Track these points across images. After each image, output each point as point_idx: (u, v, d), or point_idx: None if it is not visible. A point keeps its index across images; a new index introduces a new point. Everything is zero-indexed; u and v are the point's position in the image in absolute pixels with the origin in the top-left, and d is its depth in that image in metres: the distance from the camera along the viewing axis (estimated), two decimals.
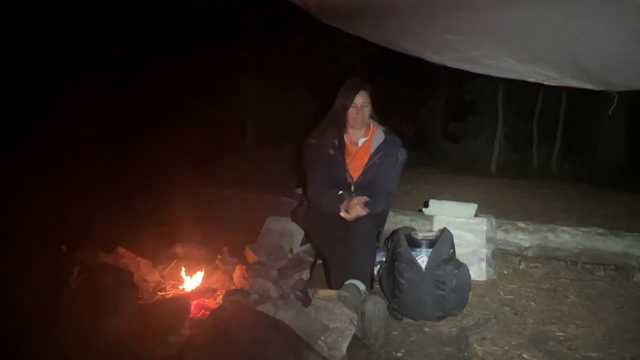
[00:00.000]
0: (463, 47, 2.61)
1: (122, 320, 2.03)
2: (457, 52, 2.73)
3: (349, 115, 2.60)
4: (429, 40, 2.75)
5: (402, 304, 2.41)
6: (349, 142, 2.69)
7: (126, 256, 2.52)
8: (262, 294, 2.20)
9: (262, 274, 2.43)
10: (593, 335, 2.29)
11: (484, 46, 2.52)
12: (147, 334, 1.95)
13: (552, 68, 2.48)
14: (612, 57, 2.19)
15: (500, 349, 2.15)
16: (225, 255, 2.75)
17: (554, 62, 2.41)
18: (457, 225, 2.98)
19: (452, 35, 2.51)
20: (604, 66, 2.33)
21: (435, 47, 2.82)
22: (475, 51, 2.60)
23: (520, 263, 3.16)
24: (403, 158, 2.65)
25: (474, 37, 2.47)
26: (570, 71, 2.47)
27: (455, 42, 2.57)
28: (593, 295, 2.75)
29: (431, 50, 2.90)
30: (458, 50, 2.67)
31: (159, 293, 2.39)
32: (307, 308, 2.01)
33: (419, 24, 2.60)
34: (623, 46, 2.02)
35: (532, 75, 2.64)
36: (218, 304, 2.24)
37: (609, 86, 2.56)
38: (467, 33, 2.44)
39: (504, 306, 2.59)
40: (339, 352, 1.88)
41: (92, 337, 1.93)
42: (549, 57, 2.39)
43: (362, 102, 2.58)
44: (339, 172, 2.62)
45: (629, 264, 2.93)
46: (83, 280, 2.22)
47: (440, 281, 2.35)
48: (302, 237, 3.14)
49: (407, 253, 2.40)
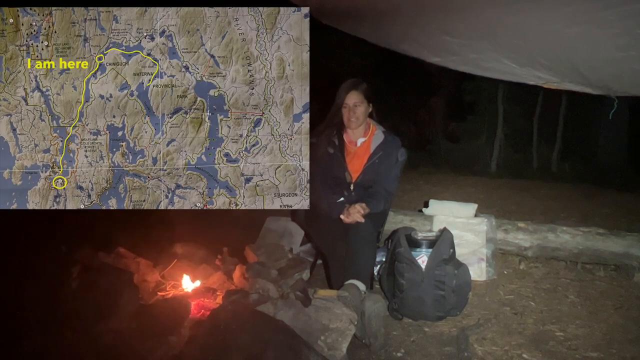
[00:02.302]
0: (462, 49, 2.61)
1: (122, 320, 2.03)
2: (456, 55, 2.73)
3: (343, 115, 2.61)
4: (428, 42, 2.76)
5: (402, 304, 2.41)
6: (348, 141, 2.69)
7: (126, 256, 2.52)
8: (262, 294, 2.20)
9: (262, 274, 2.43)
10: (593, 335, 2.29)
11: (483, 49, 2.52)
12: (147, 334, 1.95)
13: (551, 72, 2.48)
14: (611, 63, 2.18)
15: (500, 349, 2.15)
16: (225, 255, 2.75)
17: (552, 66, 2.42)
18: (457, 225, 2.98)
19: (452, 37, 2.51)
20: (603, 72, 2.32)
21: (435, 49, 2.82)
22: (475, 54, 2.60)
23: (520, 263, 3.16)
24: (403, 158, 2.65)
25: (473, 40, 2.47)
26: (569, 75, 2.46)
27: (455, 44, 2.57)
28: (593, 295, 2.75)
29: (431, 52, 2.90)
30: (457, 52, 2.67)
31: (159, 293, 2.39)
32: (307, 308, 2.01)
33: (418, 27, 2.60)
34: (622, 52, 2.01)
35: (532, 79, 2.65)
36: (218, 304, 2.24)
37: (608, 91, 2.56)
38: (466, 36, 2.45)
39: (504, 306, 2.59)
40: (339, 352, 1.88)
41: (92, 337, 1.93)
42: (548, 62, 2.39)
43: (353, 102, 2.58)
44: (339, 171, 2.62)
45: (629, 264, 2.93)
46: (83, 280, 2.22)
47: (440, 281, 2.36)
48: (302, 237, 3.14)
49: (407, 253, 2.40)
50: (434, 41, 2.69)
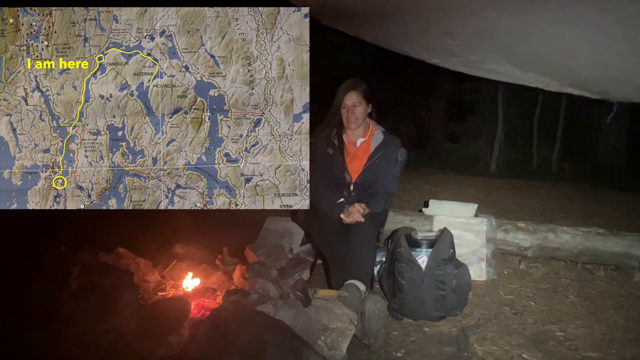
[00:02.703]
0: (463, 51, 2.61)
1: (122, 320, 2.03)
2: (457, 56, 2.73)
3: (342, 115, 2.61)
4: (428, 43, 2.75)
5: (402, 304, 2.41)
6: (347, 141, 2.69)
7: (126, 256, 2.52)
8: (262, 294, 2.20)
9: (262, 274, 2.43)
10: (593, 335, 2.29)
11: (484, 51, 2.52)
12: (147, 334, 1.95)
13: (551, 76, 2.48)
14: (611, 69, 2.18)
15: (500, 349, 2.15)
16: (225, 255, 2.75)
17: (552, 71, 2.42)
18: (457, 225, 2.98)
19: (452, 39, 2.51)
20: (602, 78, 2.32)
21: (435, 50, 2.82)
22: (475, 56, 2.60)
23: (520, 263, 3.16)
24: (402, 158, 2.65)
25: (474, 43, 2.47)
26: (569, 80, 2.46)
27: (455, 46, 2.57)
28: (593, 295, 2.75)
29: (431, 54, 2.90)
30: (458, 54, 2.67)
31: (159, 293, 2.39)
32: (307, 308, 2.01)
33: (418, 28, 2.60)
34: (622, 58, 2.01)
35: (532, 82, 2.64)
36: (218, 304, 2.24)
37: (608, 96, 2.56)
38: (466, 38, 2.44)
39: (504, 306, 2.59)
40: (339, 352, 1.88)
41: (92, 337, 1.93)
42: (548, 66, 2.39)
43: (352, 102, 2.58)
44: (339, 171, 2.62)
45: (629, 264, 2.93)
46: (83, 280, 2.22)
47: (440, 281, 2.36)
48: (302, 237, 3.14)
49: (407, 253, 2.40)
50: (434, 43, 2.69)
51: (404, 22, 2.62)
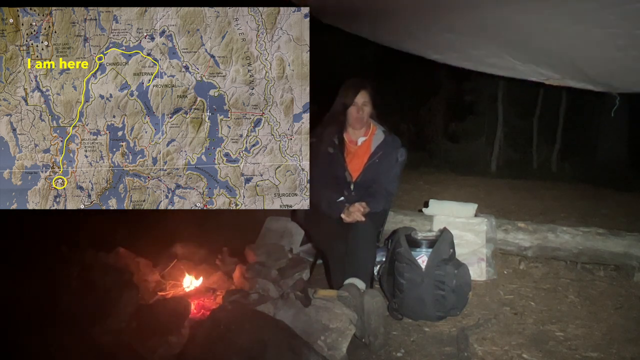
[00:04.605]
0: (464, 46, 2.61)
1: (122, 320, 2.03)
2: (458, 52, 2.73)
3: (349, 114, 2.61)
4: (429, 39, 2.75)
5: (402, 304, 2.41)
6: (348, 140, 2.69)
7: (126, 256, 2.52)
8: (262, 294, 2.20)
9: (262, 274, 2.43)
10: (593, 335, 2.29)
11: (485, 46, 2.52)
12: (147, 334, 1.95)
13: (553, 69, 2.48)
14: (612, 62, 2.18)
15: (500, 349, 2.15)
16: (225, 255, 2.74)
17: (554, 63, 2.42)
18: (457, 225, 2.98)
19: (453, 34, 2.51)
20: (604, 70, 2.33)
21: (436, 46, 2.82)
22: (476, 50, 2.60)
23: (520, 263, 3.16)
24: (403, 158, 2.65)
25: (475, 37, 2.47)
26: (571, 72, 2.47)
27: (456, 41, 2.57)
28: (593, 295, 2.75)
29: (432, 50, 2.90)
30: (459, 49, 2.67)
31: (159, 293, 2.39)
32: (307, 308, 2.01)
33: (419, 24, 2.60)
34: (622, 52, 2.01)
35: (533, 75, 2.65)
36: (218, 304, 2.24)
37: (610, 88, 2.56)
38: (468, 33, 2.45)
39: (504, 306, 2.59)
40: (339, 352, 1.88)
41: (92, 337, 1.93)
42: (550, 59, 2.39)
43: (362, 101, 2.59)
44: (339, 170, 2.62)
45: (629, 264, 2.93)
46: (83, 280, 2.22)
47: (440, 281, 2.36)
48: (302, 237, 3.14)
49: (407, 253, 2.40)
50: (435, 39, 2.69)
51: (404, 19, 2.62)
